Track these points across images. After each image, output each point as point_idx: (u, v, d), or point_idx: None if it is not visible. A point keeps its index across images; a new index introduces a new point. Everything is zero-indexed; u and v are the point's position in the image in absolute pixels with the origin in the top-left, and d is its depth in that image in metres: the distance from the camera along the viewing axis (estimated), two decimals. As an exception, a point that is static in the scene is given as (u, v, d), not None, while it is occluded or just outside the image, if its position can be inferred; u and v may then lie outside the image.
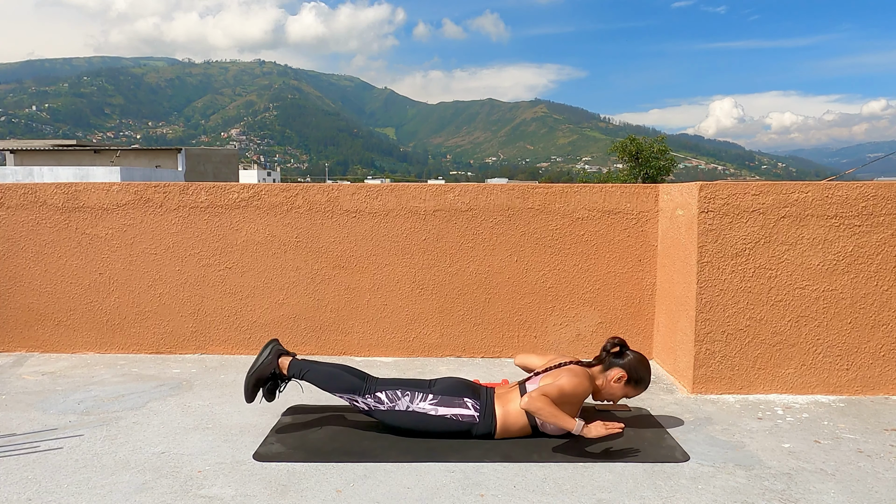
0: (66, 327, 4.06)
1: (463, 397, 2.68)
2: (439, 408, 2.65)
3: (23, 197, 4.01)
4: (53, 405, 3.09)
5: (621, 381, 2.72)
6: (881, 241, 3.26)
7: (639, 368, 2.73)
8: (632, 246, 3.90)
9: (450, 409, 2.65)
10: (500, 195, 3.91)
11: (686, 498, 2.21)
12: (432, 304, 3.98)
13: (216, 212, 3.97)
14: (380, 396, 2.67)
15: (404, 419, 2.65)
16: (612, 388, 2.73)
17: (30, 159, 32.74)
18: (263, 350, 2.80)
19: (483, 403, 2.67)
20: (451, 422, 2.64)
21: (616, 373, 2.71)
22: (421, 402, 2.66)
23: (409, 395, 2.67)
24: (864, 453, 2.59)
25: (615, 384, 2.72)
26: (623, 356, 2.75)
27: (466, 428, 2.64)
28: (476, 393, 2.71)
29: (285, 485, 2.29)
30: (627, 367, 2.72)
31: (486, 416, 2.65)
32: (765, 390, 3.32)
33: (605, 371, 2.74)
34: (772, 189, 3.26)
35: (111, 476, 2.34)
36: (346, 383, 2.71)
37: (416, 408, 2.65)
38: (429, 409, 2.65)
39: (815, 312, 3.29)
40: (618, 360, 2.74)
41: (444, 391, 2.70)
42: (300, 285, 3.99)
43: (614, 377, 2.71)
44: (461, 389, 2.71)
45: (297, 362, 2.77)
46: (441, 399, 2.67)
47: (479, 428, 2.65)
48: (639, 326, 3.95)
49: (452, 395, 2.68)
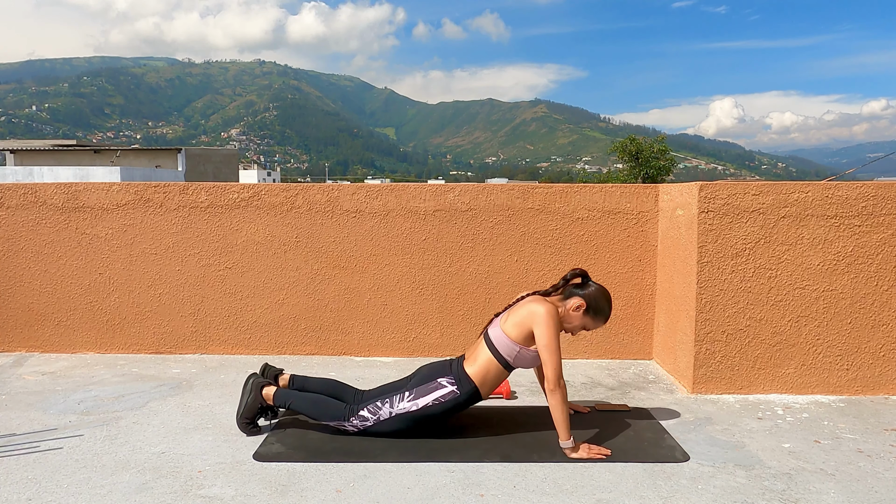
0: (66, 327, 4.06)
1: (436, 379, 2.67)
2: (418, 400, 2.64)
3: (23, 197, 4.01)
4: (53, 405, 3.09)
5: (580, 311, 2.66)
6: (881, 241, 3.26)
7: (599, 299, 2.68)
8: (632, 246, 3.90)
9: (428, 397, 2.63)
10: (500, 195, 3.91)
11: (686, 498, 2.21)
12: (432, 304, 3.98)
13: (216, 212, 3.97)
14: (362, 415, 2.67)
15: (393, 425, 2.65)
16: (569, 316, 2.68)
17: (30, 159, 32.75)
18: (245, 387, 2.79)
19: (455, 374, 2.66)
20: (435, 406, 2.63)
21: (575, 301, 2.67)
22: (400, 403, 2.65)
23: (388, 402, 2.66)
24: (864, 453, 2.59)
25: (573, 313, 2.67)
26: (584, 287, 2.70)
27: (453, 404, 2.63)
28: (447, 368, 2.70)
29: (285, 485, 2.29)
30: (587, 297, 2.66)
31: (462, 383, 2.64)
32: (765, 390, 3.32)
33: (565, 300, 2.70)
34: (772, 189, 3.26)
35: (111, 476, 2.34)
36: (330, 410, 2.70)
37: (397, 411, 2.64)
38: (409, 406, 2.64)
39: (815, 312, 3.29)
40: (578, 290, 2.70)
41: (417, 383, 2.69)
42: (300, 285, 3.99)
43: (573, 306, 2.67)
44: (432, 373, 2.70)
45: (282, 394, 2.76)
46: (416, 392, 2.66)
47: (461, 397, 2.63)
48: (639, 326, 3.95)
49: (426, 383, 2.67)
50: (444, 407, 2.64)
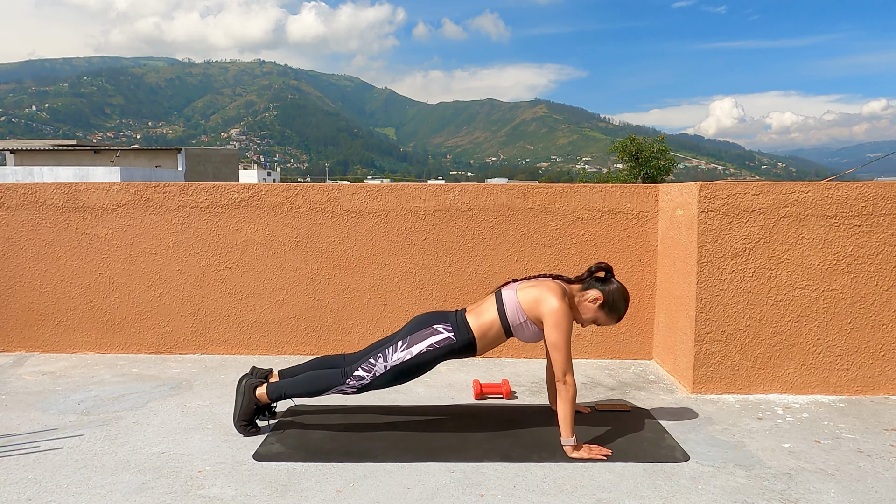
0: (66, 327, 4.06)
1: (431, 325, 2.66)
2: (412, 348, 2.62)
3: (23, 197, 4.01)
4: (53, 405, 3.09)
5: (595, 303, 2.66)
6: (881, 241, 3.26)
7: (617, 297, 2.67)
8: (632, 246, 3.90)
9: (423, 343, 2.62)
10: (500, 195, 3.91)
11: (686, 498, 2.21)
12: (432, 304, 3.97)
13: (216, 212, 3.97)
14: (358, 374, 2.65)
15: (390, 378, 2.63)
16: (585, 307, 2.68)
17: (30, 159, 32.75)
18: (237, 390, 2.78)
19: (454, 322, 2.65)
20: (430, 352, 2.61)
21: (593, 294, 2.67)
22: (394, 354, 2.63)
23: (381, 356, 2.64)
24: (864, 453, 2.59)
25: (589, 304, 2.67)
26: (606, 282, 2.70)
27: (447, 350, 2.62)
28: (444, 316, 2.69)
29: (285, 485, 2.29)
30: (606, 293, 2.66)
31: (460, 330, 2.63)
32: (765, 390, 3.32)
33: (584, 290, 2.70)
34: (772, 189, 3.26)
35: (111, 476, 2.34)
36: (324, 381, 2.69)
37: (392, 362, 2.62)
38: (404, 356, 2.62)
39: (815, 312, 3.29)
40: (598, 284, 2.69)
41: (410, 331, 2.68)
42: (300, 285, 3.99)
43: (590, 297, 2.67)
44: (427, 320, 2.69)
45: (274, 386, 2.74)
46: (410, 339, 2.64)
47: (457, 344, 2.62)
48: (639, 326, 3.95)
49: (420, 330, 2.66)
50: (438, 353, 2.62)
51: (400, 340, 2.66)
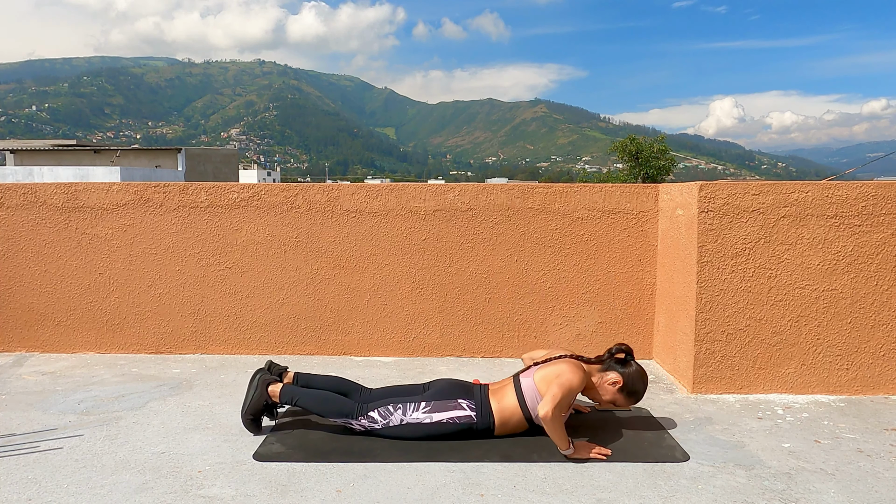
0: (66, 327, 4.06)
1: (456, 398, 2.66)
2: (433, 414, 2.63)
3: (23, 197, 4.01)
4: (53, 405, 3.09)
5: (615, 386, 2.69)
6: (881, 240, 3.26)
7: (636, 381, 2.70)
8: (632, 246, 3.90)
9: (445, 414, 2.63)
10: (500, 195, 3.91)
11: (686, 498, 2.21)
12: (432, 304, 3.98)
13: (216, 212, 3.97)
14: (372, 416, 2.66)
15: (401, 432, 2.64)
16: (604, 389, 2.71)
17: (30, 159, 32.74)
18: (251, 383, 2.79)
19: (478, 401, 2.66)
20: (449, 425, 2.63)
21: (613, 377, 2.69)
22: (414, 413, 2.64)
23: (401, 408, 2.65)
24: (864, 453, 2.59)
25: (609, 387, 2.70)
26: (626, 364, 2.72)
27: (465, 428, 2.64)
28: (469, 392, 2.70)
29: (285, 485, 2.29)
30: (626, 376, 2.69)
31: (482, 413, 2.64)
32: (765, 390, 3.32)
33: (603, 371, 2.72)
34: (772, 189, 3.26)
35: (111, 476, 2.34)
36: (337, 407, 2.70)
37: (410, 419, 2.63)
38: (423, 418, 2.63)
39: (815, 312, 3.28)
40: (618, 367, 2.71)
41: (435, 396, 2.68)
42: (300, 285, 3.99)
43: (610, 380, 2.69)
44: (453, 391, 2.70)
45: (288, 390, 2.76)
46: (434, 405, 2.65)
47: (478, 426, 2.64)
48: (639, 326, 3.95)
49: (445, 399, 2.67)
50: (457, 428, 2.63)
51: (424, 402, 2.67)
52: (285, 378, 2.88)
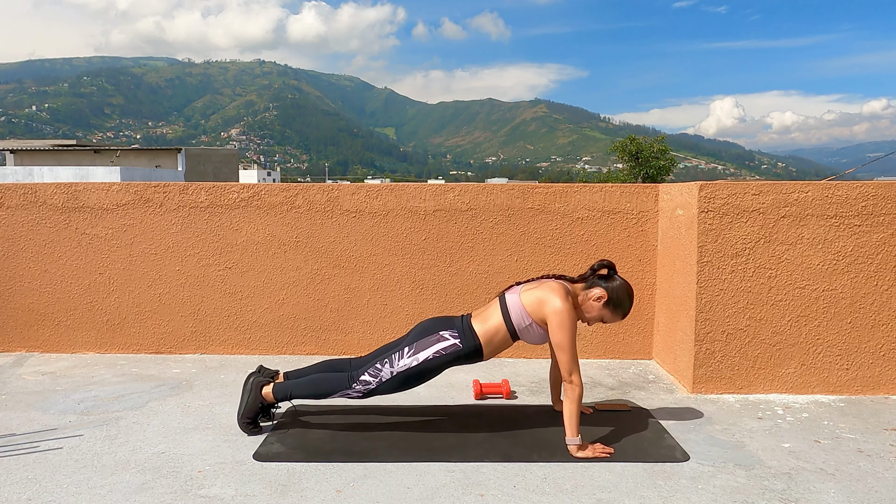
0: (66, 327, 4.06)
1: (437, 332, 2.66)
2: (418, 354, 2.63)
3: (23, 197, 4.01)
4: (53, 405, 3.09)
5: (600, 301, 2.67)
6: (881, 240, 3.26)
7: (620, 293, 2.68)
8: (632, 246, 3.90)
9: (429, 350, 2.63)
10: (500, 195, 3.91)
11: (686, 498, 2.21)
12: (432, 304, 3.98)
13: (216, 212, 3.97)
14: (364, 379, 2.65)
15: (396, 384, 2.64)
16: (590, 305, 2.69)
17: (30, 159, 32.75)
18: (244, 387, 2.79)
19: (460, 329, 2.66)
20: (436, 359, 2.62)
21: (597, 292, 2.67)
22: (400, 361, 2.64)
23: (387, 362, 2.65)
24: (864, 453, 2.59)
25: (594, 302, 2.68)
26: (609, 279, 2.70)
27: (454, 356, 2.63)
28: (450, 323, 2.70)
29: (285, 485, 2.29)
30: (610, 290, 2.67)
31: (466, 336, 2.63)
32: (765, 390, 3.32)
33: (588, 289, 2.71)
34: (772, 189, 3.26)
35: (111, 476, 2.34)
36: (331, 385, 2.70)
37: (398, 368, 2.63)
38: (410, 363, 2.62)
39: (815, 312, 3.28)
40: (602, 282, 2.70)
41: (416, 337, 2.68)
42: (300, 285, 3.99)
43: (594, 296, 2.67)
44: (433, 326, 2.69)
45: (280, 387, 2.75)
46: (416, 345, 2.65)
47: (463, 350, 2.62)
48: (639, 326, 3.95)
49: (426, 336, 2.66)
50: (445, 359, 2.63)
51: (406, 346, 2.67)
52: (277, 380, 2.87)
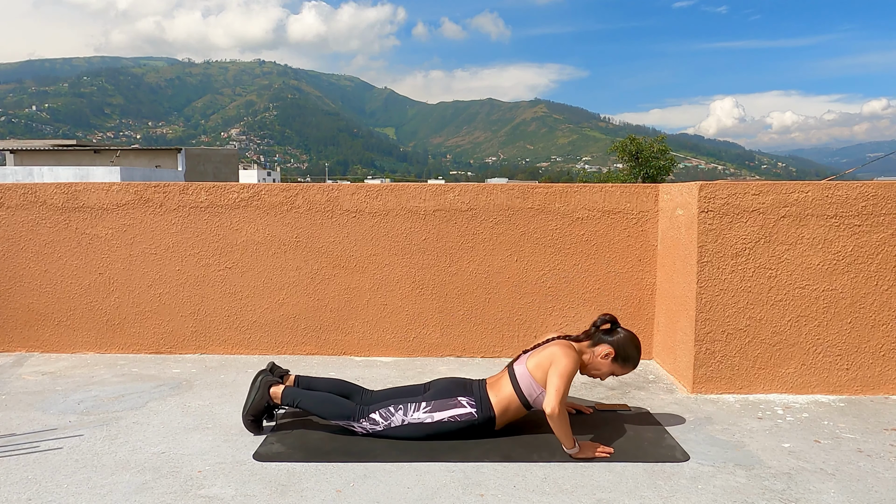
0: (66, 327, 4.06)
1: (456, 397, 2.67)
2: (434, 413, 2.64)
3: (23, 197, 4.01)
4: (53, 405, 3.09)
5: (608, 358, 2.68)
6: (881, 241, 3.26)
7: (627, 346, 2.68)
8: (632, 246, 3.90)
9: (446, 412, 2.64)
10: (500, 195, 3.91)
11: (686, 498, 2.21)
12: (432, 304, 3.98)
13: (216, 212, 3.97)
14: (373, 418, 2.66)
15: (403, 432, 2.64)
16: (598, 363, 2.70)
17: (30, 159, 32.75)
18: (253, 384, 2.79)
19: (477, 397, 2.67)
20: (450, 423, 2.63)
21: (604, 349, 2.68)
22: (415, 413, 2.64)
23: (401, 409, 2.65)
24: (864, 453, 2.59)
25: (602, 360, 2.68)
26: (613, 333, 2.71)
27: (467, 425, 2.64)
28: (468, 389, 2.71)
29: (285, 485, 2.29)
30: (616, 345, 2.68)
31: (482, 408, 2.64)
32: (765, 390, 3.32)
33: (593, 346, 2.71)
34: (772, 189, 3.26)
35: (111, 476, 2.34)
36: (338, 409, 2.70)
37: (411, 420, 2.64)
38: (424, 418, 2.63)
39: (815, 312, 3.28)
40: (607, 337, 2.70)
41: (435, 395, 2.69)
42: (300, 285, 3.99)
43: (601, 353, 2.68)
44: (453, 389, 2.70)
45: (290, 392, 2.76)
46: (435, 404, 2.66)
47: (478, 421, 2.64)
48: (639, 326, 3.94)
49: (445, 398, 2.67)
50: (458, 426, 2.63)
51: (424, 402, 2.67)
52: (287, 381, 2.88)
